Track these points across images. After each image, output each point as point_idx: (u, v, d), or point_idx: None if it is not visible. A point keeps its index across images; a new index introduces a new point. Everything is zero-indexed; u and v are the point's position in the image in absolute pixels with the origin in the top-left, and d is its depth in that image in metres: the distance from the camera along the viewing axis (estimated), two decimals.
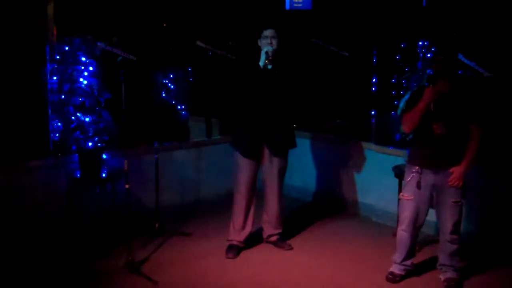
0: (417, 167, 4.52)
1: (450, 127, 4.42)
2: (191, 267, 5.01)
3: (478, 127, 4.43)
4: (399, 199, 4.77)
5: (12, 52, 5.61)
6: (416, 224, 4.63)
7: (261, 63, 5.00)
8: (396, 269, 4.77)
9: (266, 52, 4.99)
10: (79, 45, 5.47)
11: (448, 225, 4.52)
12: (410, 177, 4.57)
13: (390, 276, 4.75)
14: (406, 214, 4.61)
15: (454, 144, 4.45)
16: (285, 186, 5.43)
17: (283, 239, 5.46)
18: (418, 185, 4.51)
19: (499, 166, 5.37)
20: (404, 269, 4.76)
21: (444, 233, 4.57)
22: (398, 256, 4.75)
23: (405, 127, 4.58)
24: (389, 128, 6.18)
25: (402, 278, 4.75)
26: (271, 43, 5.04)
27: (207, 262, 5.10)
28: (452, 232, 4.52)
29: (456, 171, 4.43)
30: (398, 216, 4.81)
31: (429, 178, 4.50)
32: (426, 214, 4.65)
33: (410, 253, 4.73)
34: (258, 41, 5.13)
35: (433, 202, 4.60)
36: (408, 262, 4.75)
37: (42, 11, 5.76)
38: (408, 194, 4.58)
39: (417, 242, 4.82)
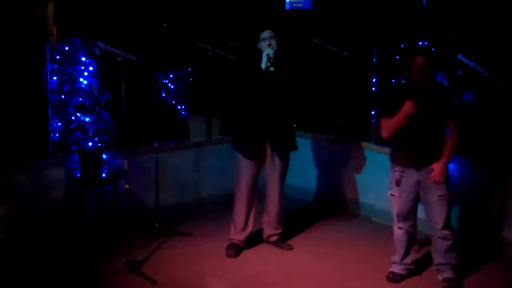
0: (399, 166, 4.59)
1: (427, 124, 4.47)
2: (191, 267, 5.01)
3: (456, 121, 4.52)
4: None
5: (13, 52, 5.61)
6: (408, 220, 4.68)
7: (262, 65, 4.99)
8: (396, 268, 4.78)
9: (268, 55, 4.98)
10: (79, 45, 5.48)
11: (437, 220, 4.54)
12: (393, 176, 4.64)
13: (391, 276, 4.75)
14: (397, 211, 4.68)
15: (433, 141, 4.52)
16: (285, 186, 5.43)
17: (283, 239, 5.46)
18: (398, 183, 4.58)
19: (496, 164, 5.37)
20: (405, 268, 4.76)
21: (435, 230, 4.58)
22: (397, 256, 4.77)
23: (383, 134, 4.62)
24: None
25: (402, 277, 4.75)
26: (270, 44, 5.04)
27: (207, 262, 5.10)
28: (443, 227, 4.53)
29: (437, 167, 4.49)
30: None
31: (413, 176, 4.56)
32: (415, 210, 4.70)
33: (408, 251, 4.75)
34: (258, 44, 5.13)
35: (420, 199, 4.65)
36: (408, 261, 4.76)
37: (42, 11, 5.76)
38: (394, 192, 4.65)
39: (414, 239, 4.83)
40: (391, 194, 4.68)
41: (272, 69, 5.01)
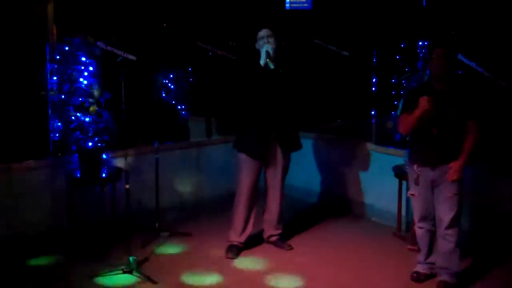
0: (415, 165, 4.59)
1: (447, 124, 4.45)
2: (191, 267, 5.01)
3: (476, 123, 4.46)
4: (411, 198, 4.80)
5: (13, 52, 5.61)
6: (428, 219, 4.65)
7: (261, 62, 4.99)
8: (420, 268, 4.74)
9: (267, 51, 4.99)
10: (79, 45, 5.47)
11: (443, 219, 4.50)
12: (411, 175, 4.65)
13: (415, 275, 4.72)
14: (417, 211, 4.69)
15: (451, 140, 4.48)
16: (286, 186, 5.42)
17: (283, 240, 5.46)
18: (416, 182, 4.58)
19: (501, 165, 5.35)
20: (429, 268, 4.72)
21: (441, 228, 4.54)
22: (421, 255, 4.75)
23: (401, 129, 4.65)
24: (389, 128, 6.17)
25: (427, 277, 4.71)
26: (268, 42, 5.04)
27: (207, 262, 5.10)
28: (448, 227, 4.49)
29: (455, 165, 4.46)
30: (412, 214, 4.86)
31: (428, 175, 4.54)
32: (434, 210, 4.63)
33: (430, 250, 4.72)
34: (256, 44, 5.12)
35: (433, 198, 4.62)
36: (433, 259, 4.70)
37: (42, 11, 5.76)
38: (413, 191, 4.66)
39: (435, 237, 4.72)
40: (411, 194, 4.69)
41: (271, 66, 5.00)
